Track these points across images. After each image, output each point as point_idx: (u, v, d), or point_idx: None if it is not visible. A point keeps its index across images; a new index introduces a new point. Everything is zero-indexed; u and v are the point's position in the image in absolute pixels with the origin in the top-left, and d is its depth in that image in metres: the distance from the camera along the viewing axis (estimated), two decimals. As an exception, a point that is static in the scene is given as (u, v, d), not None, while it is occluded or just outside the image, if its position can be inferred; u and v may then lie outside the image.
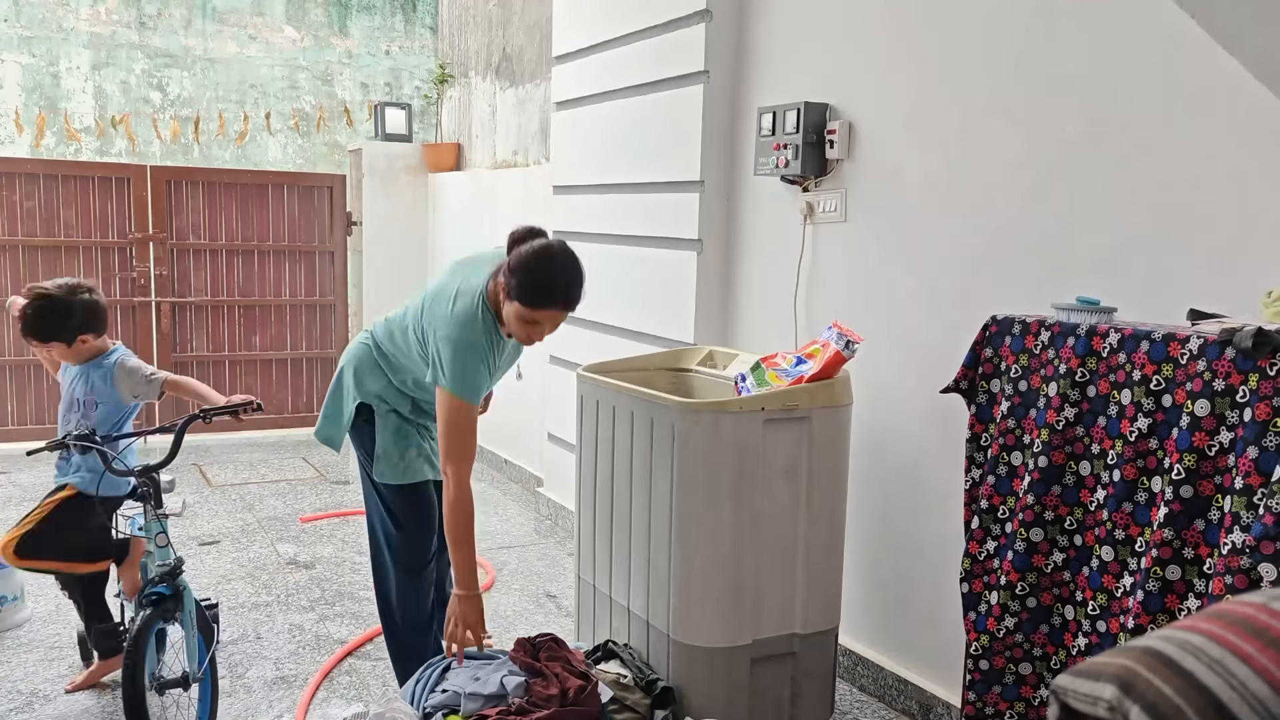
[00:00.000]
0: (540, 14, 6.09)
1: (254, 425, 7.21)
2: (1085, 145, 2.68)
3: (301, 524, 5.15)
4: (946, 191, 3.09)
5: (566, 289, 2.71)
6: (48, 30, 6.97)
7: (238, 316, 7.13)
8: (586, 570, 3.37)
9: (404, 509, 3.06)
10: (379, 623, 3.19)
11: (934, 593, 3.16)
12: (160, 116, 7.31)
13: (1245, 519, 1.87)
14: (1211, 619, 0.63)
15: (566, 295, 2.71)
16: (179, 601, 2.91)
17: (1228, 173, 2.37)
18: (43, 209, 6.49)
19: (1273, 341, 1.88)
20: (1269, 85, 2.26)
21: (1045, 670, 2.45)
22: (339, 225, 7.30)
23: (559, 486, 5.18)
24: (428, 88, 8.03)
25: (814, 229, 3.61)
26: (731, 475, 2.81)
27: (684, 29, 4.05)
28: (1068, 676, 0.68)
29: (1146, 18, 2.51)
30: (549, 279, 2.68)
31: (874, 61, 3.33)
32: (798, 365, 3.01)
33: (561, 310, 2.74)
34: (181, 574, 2.94)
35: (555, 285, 2.69)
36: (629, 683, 2.93)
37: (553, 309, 2.71)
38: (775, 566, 2.92)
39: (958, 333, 2.91)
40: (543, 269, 2.67)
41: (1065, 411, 2.30)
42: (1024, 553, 2.38)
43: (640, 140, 4.38)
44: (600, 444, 3.20)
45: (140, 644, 2.82)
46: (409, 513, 3.07)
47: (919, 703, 3.24)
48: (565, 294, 2.71)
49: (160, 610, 2.89)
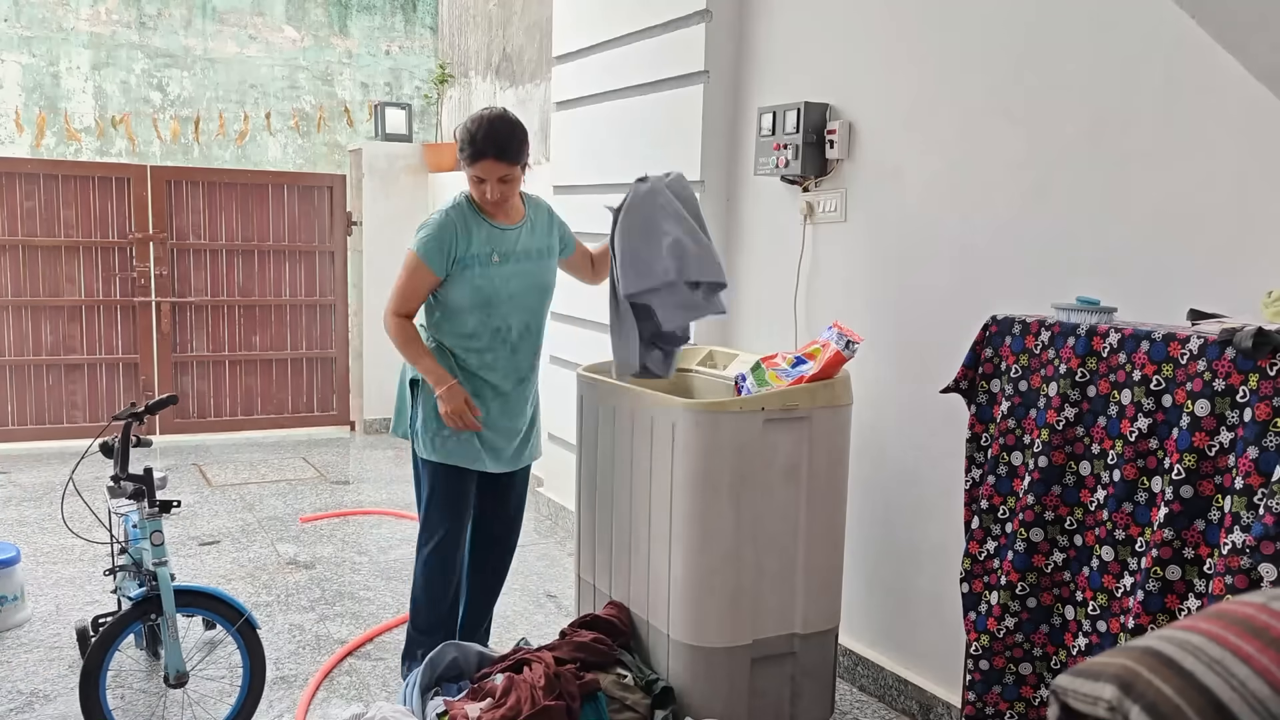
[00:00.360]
0: (540, 14, 6.09)
1: (254, 425, 7.22)
2: (1085, 145, 2.68)
3: (301, 524, 5.15)
4: (946, 191, 3.09)
5: (489, 138, 2.94)
6: (48, 30, 6.97)
7: (238, 316, 7.13)
8: (586, 570, 3.37)
9: (433, 488, 3.18)
10: (380, 622, 3.21)
11: (934, 593, 3.16)
12: (160, 116, 7.31)
13: (1245, 519, 1.87)
14: (1211, 619, 0.63)
15: (491, 144, 2.94)
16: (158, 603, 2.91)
17: (1228, 173, 2.37)
18: (43, 209, 6.49)
19: (1273, 341, 1.88)
20: (1269, 85, 2.25)
21: (1045, 670, 2.45)
22: (339, 225, 7.30)
23: (559, 486, 5.18)
24: (428, 88, 8.03)
25: (814, 229, 3.61)
26: (731, 475, 2.81)
27: (684, 29, 4.05)
28: (1068, 676, 0.68)
29: (1147, 18, 2.51)
30: (472, 133, 2.97)
31: (874, 61, 3.33)
32: (798, 365, 3.01)
33: (494, 160, 2.95)
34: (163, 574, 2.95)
35: (477, 137, 2.96)
36: (629, 683, 2.93)
37: (484, 160, 2.96)
38: (775, 566, 2.92)
39: (958, 333, 2.91)
40: (470, 126, 2.99)
41: (1065, 411, 2.30)
42: (1024, 553, 2.38)
43: (640, 140, 4.38)
44: (600, 444, 3.20)
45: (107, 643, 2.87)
46: (438, 494, 3.17)
47: (919, 703, 3.24)
48: (488, 143, 2.94)
49: (139, 610, 2.92)
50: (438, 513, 3.17)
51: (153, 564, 2.93)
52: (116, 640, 2.92)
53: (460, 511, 3.19)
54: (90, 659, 2.86)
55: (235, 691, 3.12)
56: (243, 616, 3.00)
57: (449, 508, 3.16)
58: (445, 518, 3.16)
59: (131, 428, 3.06)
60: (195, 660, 3.42)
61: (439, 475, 3.15)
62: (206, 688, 3.25)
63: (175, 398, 3.25)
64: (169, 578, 2.93)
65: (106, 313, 6.76)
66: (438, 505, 3.17)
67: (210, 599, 3.04)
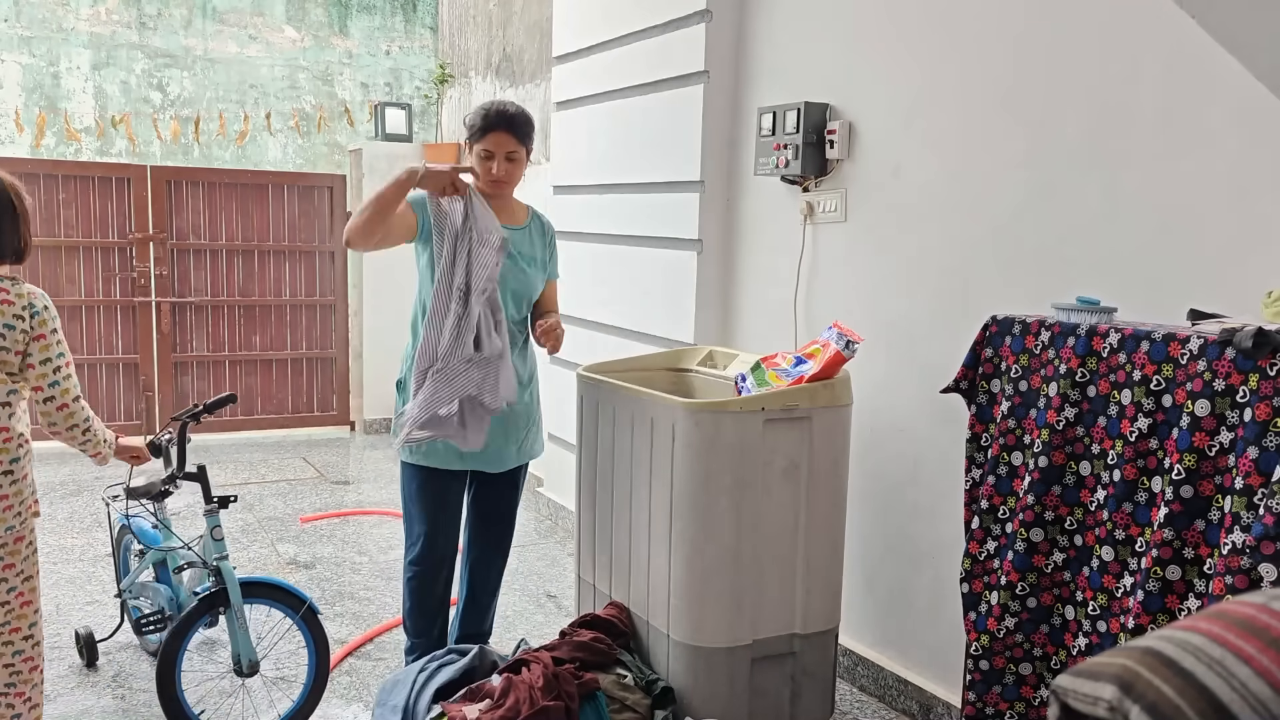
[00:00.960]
0: (540, 14, 6.09)
1: (254, 425, 7.22)
2: (1085, 145, 2.68)
3: (302, 524, 5.15)
4: (946, 191, 3.09)
5: (500, 113, 2.98)
6: (48, 30, 6.97)
7: (238, 316, 7.13)
8: (586, 570, 3.37)
9: (412, 491, 3.11)
10: (380, 622, 3.20)
11: (934, 593, 3.16)
12: (160, 116, 7.31)
13: (1245, 519, 1.87)
14: (1212, 619, 0.63)
15: (501, 115, 2.98)
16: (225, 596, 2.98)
17: (1228, 173, 2.37)
18: (43, 209, 6.49)
19: (1273, 341, 1.88)
20: (1269, 85, 2.25)
21: (1045, 670, 2.45)
22: (339, 225, 7.30)
23: (559, 486, 5.18)
24: (428, 88, 8.03)
25: (814, 229, 3.61)
26: (731, 475, 2.81)
27: (684, 29, 4.05)
28: (1068, 676, 0.68)
29: (1147, 18, 2.51)
30: (484, 109, 3.01)
31: (874, 61, 3.33)
32: (798, 365, 3.01)
33: (504, 132, 2.96)
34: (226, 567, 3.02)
35: (489, 112, 2.99)
36: (629, 683, 2.93)
37: (495, 132, 2.96)
38: (775, 566, 2.92)
39: (958, 333, 2.91)
40: (481, 106, 3.04)
41: (1065, 411, 2.30)
42: (1024, 553, 2.38)
43: (640, 140, 4.38)
44: (600, 444, 3.20)
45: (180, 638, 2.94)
46: (417, 498, 3.09)
47: (919, 703, 3.23)
48: (500, 115, 2.97)
49: (208, 604, 2.98)
50: (418, 516, 3.08)
51: (216, 558, 2.99)
52: (187, 636, 2.98)
53: (439, 514, 3.07)
54: (164, 659, 2.91)
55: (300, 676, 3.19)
56: (305, 604, 3.05)
57: (427, 510, 3.06)
58: (423, 519, 3.07)
59: (188, 427, 3.08)
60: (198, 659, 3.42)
61: (417, 478, 3.06)
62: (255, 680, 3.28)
63: (234, 396, 3.25)
64: (233, 570, 2.99)
65: (106, 313, 6.76)
66: (417, 509, 3.08)
67: (273, 589, 3.09)
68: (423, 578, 3.11)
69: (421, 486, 3.06)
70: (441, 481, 3.06)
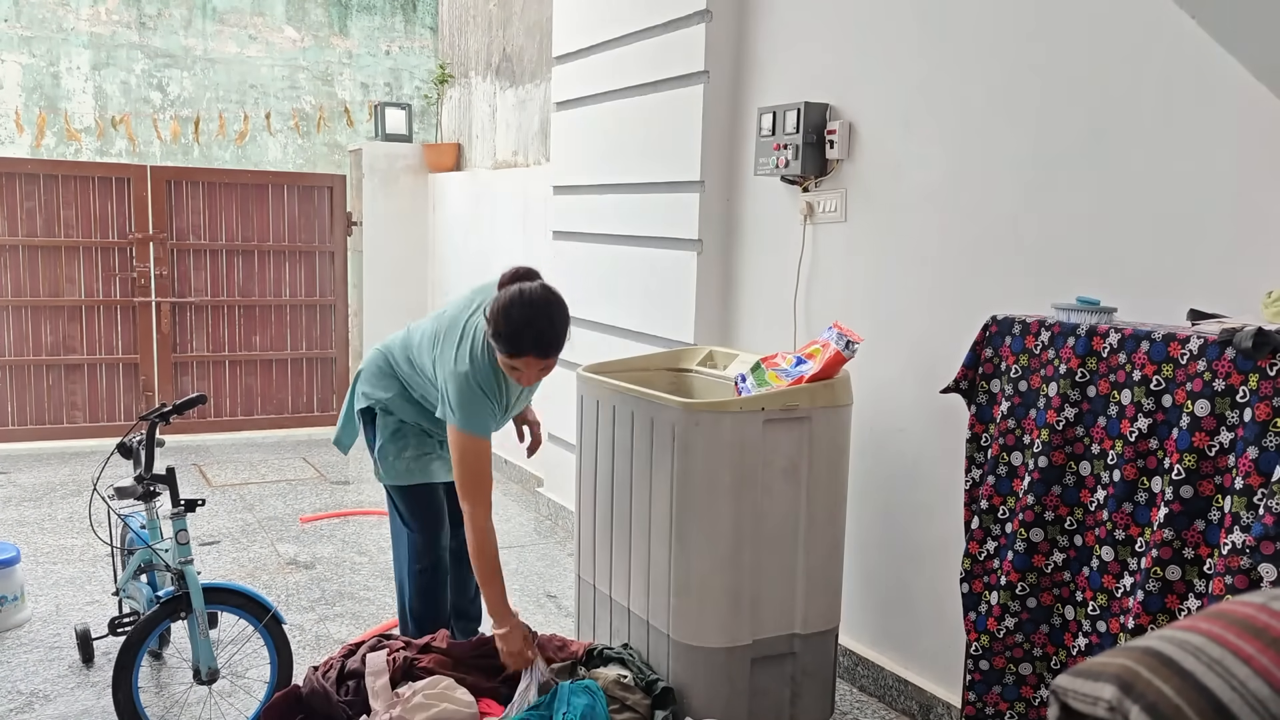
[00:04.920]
0: (540, 14, 6.09)
1: (254, 425, 7.22)
2: (1085, 145, 2.68)
3: (302, 524, 5.15)
4: (946, 191, 3.09)
5: (537, 338, 2.67)
6: (48, 30, 6.97)
7: (238, 316, 7.13)
8: (586, 570, 3.37)
9: (410, 509, 3.20)
10: (380, 622, 3.22)
11: (934, 593, 3.16)
12: (160, 116, 7.31)
13: (1245, 519, 1.87)
14: (1212, 619, 0.63)
15: (537, 343, 2.68)
16: (187, 601, 2.94)
17: (1228, 173, 2.37)
18: (43, 209, 6.48)
19: (1273, 341, 1.88)
20: (1269, 85, 2.25)
21: (1045, 670, 2.45)
22: (339, 225, 7.30)
23: (559, 486, 5.18)
24: (428, 88, 8.03)
25: (814, 229, 3.60)
26: (731, 475, 2.81)
27: (684, 29, 4.05)
28: (1068, 676, 0.68)
29: (1146, 18, 2.51)
30: (519, 327, 2.66)
31: (874, 61, 3.33)
32: (798, 365, 3.01)
33: (536, 357, 2.71)
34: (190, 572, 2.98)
35: (525, 334, 2.66)
36: (629, 683, 2.93)
37: (525, 356, 2.70)
38: (775, 566, 2.92)
39: (958, 333, 2.91)
40: (513, 317, 2.66)
41: (1065, 412, 2.30)
42: (1024, 553, 2.38)
43: (640, 140, 4.38)
44: (600, 444, 3.20)
45: (138, 642, 2.89)
46: (415, 513, 3.20)
47: (919, 703, 3.23)
48: (535, 342, 2.68)
49: (169, 608, 2.94)
50: (420, 529, 3.20)
51: (179, 562, 2.95)
52: (147, 640, 2.95)
53: (437, 521, 3.22)
54: (121, 660, 2.88)
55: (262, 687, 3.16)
56: (269, 612, 3.04)
57: (428, 521, 3.20)
58: (426, 528, 3.20)
59: (157, 428, 3.07)
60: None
61: (410, 495, 3.18)
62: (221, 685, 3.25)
63: (204, 397, 3.25)
64: (196, 575, 2.95)
65: (106, 313, 6.76)
66: (419, 523, 3.20)
67: (237, 595, 3.07)
68: (432, 578, 3.22)
69: (416, 500, 3.19)
70: (430, 490, 3.21)
